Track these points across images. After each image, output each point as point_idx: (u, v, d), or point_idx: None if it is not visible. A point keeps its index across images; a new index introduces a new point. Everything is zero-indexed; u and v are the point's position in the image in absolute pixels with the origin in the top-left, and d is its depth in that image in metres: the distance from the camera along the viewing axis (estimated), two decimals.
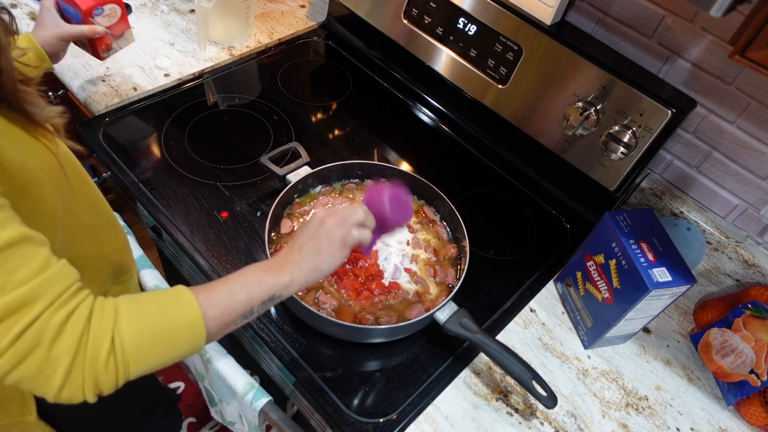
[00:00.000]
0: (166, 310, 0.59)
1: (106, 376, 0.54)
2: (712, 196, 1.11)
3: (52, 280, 0.53)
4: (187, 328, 0.60)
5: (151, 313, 0.58)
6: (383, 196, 0.77)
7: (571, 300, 1.00)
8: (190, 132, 1.18)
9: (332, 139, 1.25)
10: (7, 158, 0.56)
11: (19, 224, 0.54)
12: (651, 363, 0.98)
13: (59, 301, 0.53)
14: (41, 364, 0.51)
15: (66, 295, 0.54)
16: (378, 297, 0.91)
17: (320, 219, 0.72)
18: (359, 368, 0.89)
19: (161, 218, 1.02)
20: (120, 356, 0.54)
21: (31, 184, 0.60)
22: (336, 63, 1.44)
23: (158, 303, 0.60)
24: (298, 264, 0.70)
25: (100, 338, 0.53)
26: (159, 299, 0.60)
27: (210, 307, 0.62)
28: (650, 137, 1.00)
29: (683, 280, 0.83)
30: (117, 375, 0.55)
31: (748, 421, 0.92)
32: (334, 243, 0.71)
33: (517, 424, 0.87)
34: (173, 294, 0.61)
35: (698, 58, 1.01)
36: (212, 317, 0.62)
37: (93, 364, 0.53)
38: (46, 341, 0.51)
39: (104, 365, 0.53)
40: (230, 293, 0.64)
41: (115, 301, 0.58)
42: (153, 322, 0.58)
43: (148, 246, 1.12)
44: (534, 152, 1.18)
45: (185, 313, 0.60)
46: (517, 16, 1.10)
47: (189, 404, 1.72)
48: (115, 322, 0.55)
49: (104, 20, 1.05)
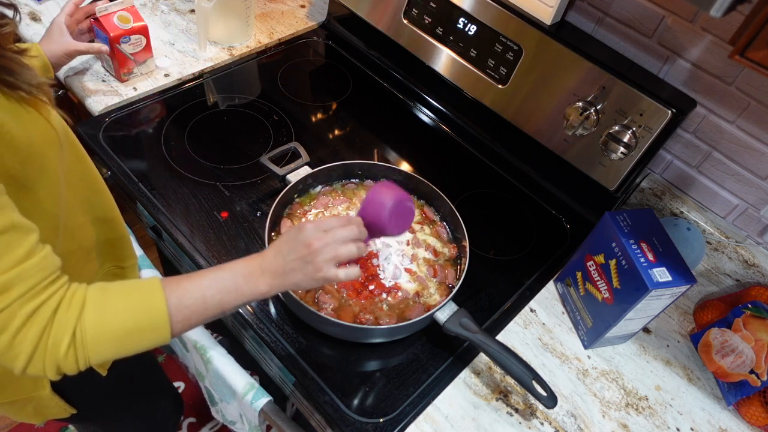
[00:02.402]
0: (133, 309, 0.61)
1: (66, 363, 0.59)
2: (712, 196, 1.11)
3: (31, 271, 0.56)
4: (151, 329, 0.62)
5: (117, 309, 0.61)
6: (385, 206, 0.74)
7: (571, 300, 1.00)
8: (190, 132, 1.18)
9: (332, 139, 1.25)
10: (13, 134, 0.57)
11: (10, 211, 0.56)
12: (651, 363, 0.98)
13: (32, 293, 0.56)
14: (6, 347, 0.56)
15: (40, 286, 0.57)
16: (378, 297, 0.91)
17: (307, 243, 0.69)
18: (359, 368, 0.89)
19: (161, 218, 1.02)
20: (80, 348, 0.58)
21: (38, 156, 0.62)
22: (336, 63, 1.44)
23: (126, 299, 0.62)
24: (279, 277, 0.70)
25: (62, 332, 0.57)
26: (128, 295, 0.62)
27: (179, 310, 0.64)
28: (650, 137, 1.00)
29: (683, 280, 0.83)
30: (77, 363, 0.59)
31: (748, 421, 0.92)
32: (319, 270, 0.70)
33: (517, 424, 0.87)
34: (144, 291, 0.63)
35: (698, 58, 1.01)
36: (180, 320, 0.64)
37: (54, 353, 0.57)
38: (12, 329, 0.55)
39: (64, 355, 0.58)
40: (203, 299, 0.65)
41: (85, 292, 0.60)
42: (117, 319, 0.61)
43: (148, 246, 1.12)
44: (534, 152, 1.18)
45: (152, 314, 0.62)
46: (517, 16, 1.10)
47: (189, 404, 1.72)
48: (79, 315, 0.58)
49: (129, 48, 1.16)
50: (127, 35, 1.14)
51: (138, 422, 1.11)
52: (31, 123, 0.62)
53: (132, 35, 1.15)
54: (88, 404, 0.93)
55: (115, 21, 1.12)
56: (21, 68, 0.60)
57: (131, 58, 1.18)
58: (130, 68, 1.20)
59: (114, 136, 1.13)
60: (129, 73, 1.21)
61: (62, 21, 1.06)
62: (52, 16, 1.30)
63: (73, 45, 1.06)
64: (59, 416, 0.89)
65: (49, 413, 0.88)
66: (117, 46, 1.14)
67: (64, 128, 0.71)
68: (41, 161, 0.63)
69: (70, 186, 0.72)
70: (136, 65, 1.21)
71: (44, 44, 1.04)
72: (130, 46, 1.16)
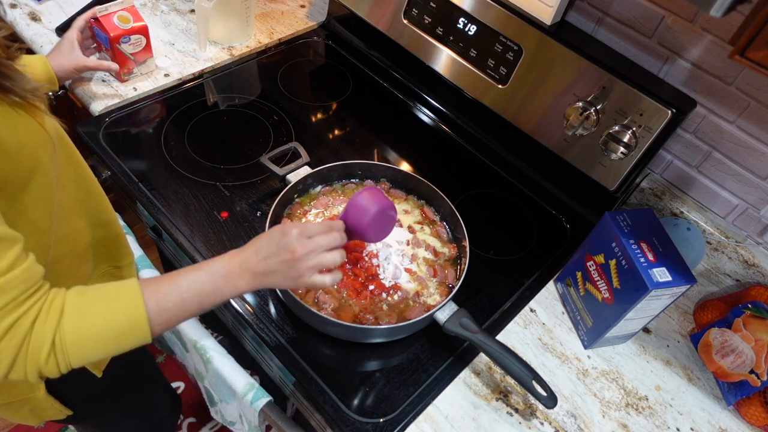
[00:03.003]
0: (111, 313, 0.62)
1: (47, 368, 0.60)
2: (712, 196, 1.11)
3: (13, 282, 0.57)
4: (130, 333, 0.63)
5: (95, 315, 0.62)
6: (368, 212, 0.75)
7: (571, 300, 1.00)
8: (190, 132, 1.18)
9: (332, 139, 1.25)
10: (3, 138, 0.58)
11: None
12: (651, 363, 0.98)
13: (13, 304, 0.57)
14: None
15: (21, 298, 0.58)
16: (378, 297, 0.91)
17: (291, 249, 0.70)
18: (359, 368, 0.89)
19: (161, 218, 1.02)
20: (60, 354, 0.60)
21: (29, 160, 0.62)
22: (336, 63, 1.44)
23: (105, 304, 0.63)
24: (258, 277, 0.71)
25: (41, 340, 0.59)
26: (106, 300, 0.63)
27: (159, 314, 0.65)
28: (650, 137, 1.00)
29: (683, 280, 0.83)
30: (59, 368, 0.61)
31: (748, 421, 0.92)
32: (301, 276, 0.71)
33: (517, 424, 0.87)
34: (122, 296, 0.64)
35: (698, 58, 1.01)
36: (159, 323, 0.65)
37: (34, 360, 0.59)
38: None
39: (45, 361, 0.59)
40: (182, 302, 0.66)
41: (64, 299, 0.61)
42: (96, 325, 0.61)
43: (148, 246, 1.12)
44: (534, 152, 1.18)
45: (131, 318, 0.63)
46: (517, 16, 1.10)
47: (189, 404, 1.72)
48: (58, 324, 0.59)
49: (129, 47, 1.16)
50: (127, 35, 1.14)
51: (136, 422, 1.11)
52: (23, 127, 0.62)
53: (132, 35, 1.15)
54: (85, 405, 0.93)
55: (115, 21, 1.12)
56: (14, 73, 0.60)
57: (131, 58, 1.18)
58: (130, 68, 1.20)
59: (114, 136, 1.13)
60: (129, 73, 1.21)
61: (74, 37, 1.08)
62: (53, 16, 1.31)
63: (83, 61, 1.08)
64: (56, 417, 0.89)
65: (46, 415, 0.88)
66: (117, 46, 1.14)
67: (58, 131, 0.71)
68: (33, 165, 0.63)
69: (63, 188, 0.72)
70: (136, 65, 1.21)
71: (53, 58, 1.06)
72: (130, 46, 1.16)
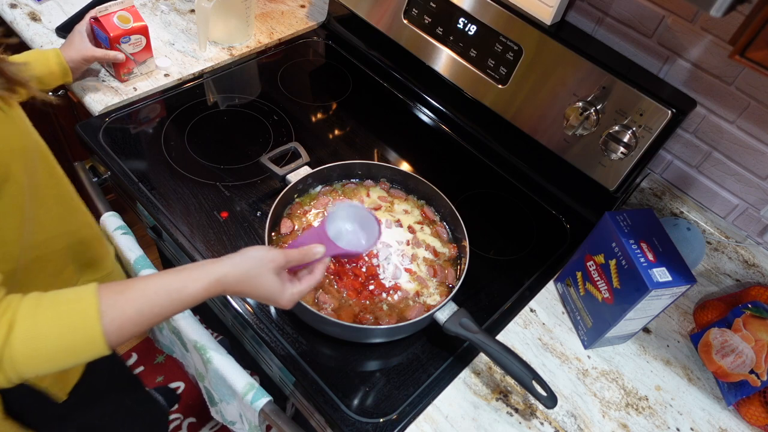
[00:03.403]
0: (65, 329, 0.59)
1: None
2: (712, 196, 1.11)
3: None
4: (83, 348, 0.60)
5: (49, 327, 0.58)
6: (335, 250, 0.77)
7: (571, 300, 1.00)
8: (190, 132, 1.18)
9: (332, 139, 1.25)
10: None
11: None
12: (651, 363, 0.98)
13: None
14: None
15: None
16: (378, 297, 0.91)
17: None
18: (359, 368, 0.89)
19: (161, 218, 1.02)
20: (9, 368, 0.57)
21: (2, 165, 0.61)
22: (336, 63, 1.44)
23: (59, 316, 0.59)
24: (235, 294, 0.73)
25: None
26: (60, 311, 0.59)
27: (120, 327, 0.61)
28: (650, 137, 1.00)
29: (683, 280, 0.83)
30: (8, 381, 0.58)
31: (748, 421, 0.92)
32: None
33: (517, 424, 0.87)
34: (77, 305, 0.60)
35: (698, 58, 1.01)
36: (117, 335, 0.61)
37: None
38: None
39: None
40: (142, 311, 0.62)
41: (16, 311, 0.58)
42: (48, 338, 0.58)
43: (148, 246, 1.12)
44: (534, 152, 1.18)
45: (85, 332, 0.59)
46: (517, 16, 1.10)
47: (189, 404, 1.72)
48: (6, 337, 0.57)
49: (129, 47, 1.17)
50: (127, 35, 1.14)
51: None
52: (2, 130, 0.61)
53: (132, 35, 1.15)
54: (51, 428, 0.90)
55: (115, 21, 1.12)
56: None
57: (131, 58, 1.18)
58: (130, 68, 1.20)
59: (114, 136, 1.13)
60: (129, 73, 1.21)
61: (83, 29, 1.11)
62: (53, 16, 1.31)
63: (90, 51, 1.11)
64: None
65: None
66: (117, 46, 1.14)
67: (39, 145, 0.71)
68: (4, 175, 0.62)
69: (42, 203, 0.71)
70: (136, 65, 1.21)
71: (65, 50, 1.09)
72: (130, 46, 1.16)
